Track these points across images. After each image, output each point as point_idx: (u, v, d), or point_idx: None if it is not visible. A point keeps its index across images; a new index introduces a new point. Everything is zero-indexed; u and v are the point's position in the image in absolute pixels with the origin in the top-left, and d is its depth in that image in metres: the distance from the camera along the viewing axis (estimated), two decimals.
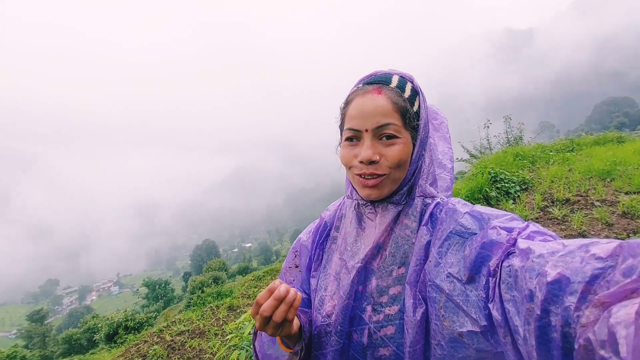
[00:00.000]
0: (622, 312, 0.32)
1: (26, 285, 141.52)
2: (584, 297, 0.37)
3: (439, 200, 0.69)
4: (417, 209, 0.69)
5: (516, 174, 4.35)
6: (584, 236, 2.72)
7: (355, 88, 0.72)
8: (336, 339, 0.69)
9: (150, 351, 4.14)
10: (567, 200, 3.51)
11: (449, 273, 0.56)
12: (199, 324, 4.94)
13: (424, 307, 0.60)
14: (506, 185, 4.02)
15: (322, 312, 0.73)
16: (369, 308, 0.67)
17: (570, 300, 0.38)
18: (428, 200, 0.69)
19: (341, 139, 0.73)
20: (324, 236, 0.84)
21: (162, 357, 3.99)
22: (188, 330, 4.73)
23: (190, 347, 4.16)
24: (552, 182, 4.15)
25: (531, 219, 3.24)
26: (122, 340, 9.40)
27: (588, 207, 3.26)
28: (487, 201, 3.83)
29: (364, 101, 0.66)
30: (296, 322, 0.67)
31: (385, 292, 0.66)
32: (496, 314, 0.47)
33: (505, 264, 0.48)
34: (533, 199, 3.70)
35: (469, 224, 0.59)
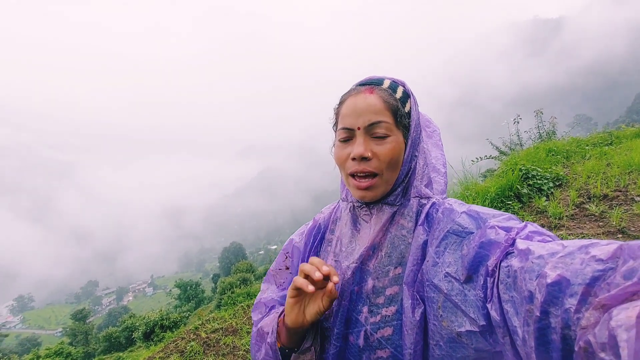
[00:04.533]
0: (623, 314, 0.32)
1: (69, 286, 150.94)
2: (584, 299, 0.37)
3: (434, 200, 0.69)
4: (413, 209, 0.69)
5: (549, 170, 4.20)
6: (623, 233, 2.62)
7: (349, 90, 0.74)
8: (334, 342, 0.68)
9: (187, 347, 4.35)
10: (605, 196, 3.36)
11: (447, 273, 0.56)
12: (231, 323, 5.12)
13: (423, 307, 0.59)
14: (538, 182, 3.89)
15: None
16: (365, 309, 0.66)
17: (571, 302, 0.38)
18: (424, 201, 0.70)
19: (335, 139, 0.74)
20: (319, 239, 0.83)
21: (198, 353, 4.18)
22: (222, 328, 4.92)
23: (224, 344, 4.34)
24: (589, 177, 3.97)
25: (566, 216, 3.14)
26: (158, 339, 9.87)
27: (628, 202, 3.10)
28: (519, 199, 3.74)
29: (356, 100, 0.68)
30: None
31: (382, 292, 0.65)
32: (494, 314, 0.47)
33: (503, 264, 0.48)
34: (568, 195, 3.56)
35: (466, 224, 0.59)
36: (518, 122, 7.83)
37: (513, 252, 0.48)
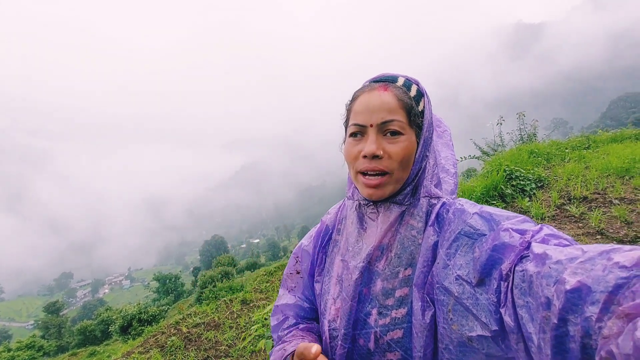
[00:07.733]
0: None
1: (42, 278, 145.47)
2: (606, 308, 0.35)
3: (445, 200, 0.68)
4: (423, 209, 0.67)
5: (531, 171, 4.32)
6: (602, 234, 2.71)
7: (362, 86, 0.73)
8: (341, 343, 0.67)
9: (168, 342, 4.25)
10: (585, 198, 3.48)
11: (458, 275, 0.54)
12: (213, 317, 5.04)
13: (433, 310, 0.58)
14: (522, 182, 3.99)
15: (327, 317, 0.72)
16: (374, 311, 0.65)
17: (592, 310, 0.36)
18: (434, 201, 0.68)
19: (345, 135, 0.73)
20: (326, 240, 0.83)
21: (179, 348, 4.09)
22: (203, 322, 4.83)
23: (206, 338, 4.26)
24: (569, 179, 4.11)
25: (548, 217, 3.23)
26: (136, 332, 9.64)
27: (606, 205, 3.22)
28: (503, 199, 3.82)
29: (370, 97, 0.66)
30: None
31: (391, 294, 0.64)
32: (508, 320, 0.45)
33: (518, 268, 0.46)
34: (549, 197, 3.67)
35: (478, 225, 0.57)
36: (501, 124, 8.02)
37: (528, 256, 0.46)
